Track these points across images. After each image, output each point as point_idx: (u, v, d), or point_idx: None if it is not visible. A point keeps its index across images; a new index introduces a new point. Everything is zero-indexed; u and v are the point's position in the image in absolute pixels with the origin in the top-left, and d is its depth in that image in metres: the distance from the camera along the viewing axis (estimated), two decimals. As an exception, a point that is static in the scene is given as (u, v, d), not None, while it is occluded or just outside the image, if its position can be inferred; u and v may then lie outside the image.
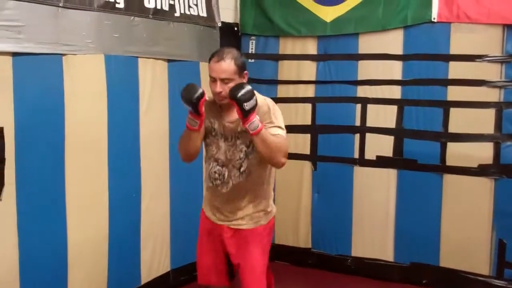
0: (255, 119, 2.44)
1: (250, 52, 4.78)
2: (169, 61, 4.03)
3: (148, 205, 3.91)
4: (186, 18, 4.09)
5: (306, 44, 4.65)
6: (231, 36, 4.69)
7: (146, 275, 3.96)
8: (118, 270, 3.68)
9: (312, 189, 4.73)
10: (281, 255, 4.69)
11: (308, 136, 4.69)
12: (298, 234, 4.81)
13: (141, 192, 3.86)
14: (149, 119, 3.87)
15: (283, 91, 4.74)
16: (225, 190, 2.70)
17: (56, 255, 3.27)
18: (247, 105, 2.40)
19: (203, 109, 2.53)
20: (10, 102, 2.96)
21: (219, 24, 4.46)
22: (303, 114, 4.69)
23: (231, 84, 2.52)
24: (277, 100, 4.53)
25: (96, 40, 3.40)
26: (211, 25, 4.37)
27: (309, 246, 4.78)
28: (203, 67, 4.24)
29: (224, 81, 2.54)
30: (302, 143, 4.70)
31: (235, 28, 4.78)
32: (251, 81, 4.58)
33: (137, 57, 3.74)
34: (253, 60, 4.75)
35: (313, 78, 4.65)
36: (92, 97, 3.43)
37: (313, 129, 4.67)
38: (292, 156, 2.65)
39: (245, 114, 2.42)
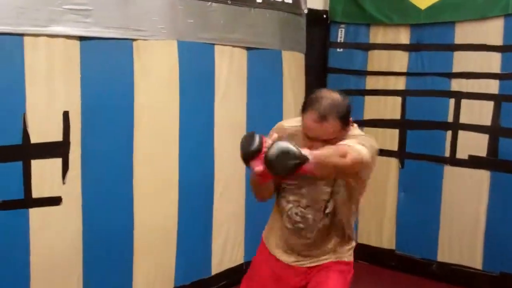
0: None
1: (338, 41, 4.59)
2: (248, 49, 3.94)
3: (221, 194, 3.87)
4: (268, 5, 3.99)
5: (398, 33, 4.38)
6: (318, 24, 4.53)
7: (217, 266, 3.92)
8: (187, 259, 3.66)
9: (398, 187, 4.47)
10: (362, 255, 4.43)
11: (396, 131, 4.43)
12: (382, 234, 4.57)
13: (214, 180, 3.83)
14: (225, 107, 3.82)
15: (372, 82, 4.51)
16: (310, 235, 2.33)
17: (122, 241, 3.30)
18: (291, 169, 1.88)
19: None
20: (77, 86, 3.01)
21: (306, 11, 4.30)
22: (392, 108, 4.43)
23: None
24: (366, 92, 4.33)
25: (168, 25, 3.39)
26: (296, 12, 4.24)
27: (393, 247, 4.53)
28: (286, 56, 4.14)
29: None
30: (390, 138, 4.44)
31: (324, 16, 4.60)
32: (339, 71, 4.44)
33: (213, 44, 3.69)
34: (341, 50, 4.56)
35: (404, 70, 4.37)
36: (163, 83, 3.43)
37: (402, 124, 4.39)
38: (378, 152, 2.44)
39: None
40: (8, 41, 2.74)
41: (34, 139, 2.84)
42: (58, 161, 2.96)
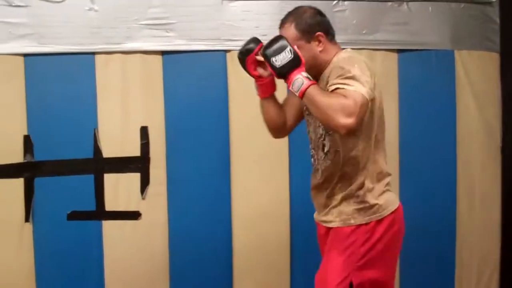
0: (297, 76, 1.87)
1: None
2: (399, 51, 3.22)
3: None
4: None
5: None
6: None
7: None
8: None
9: None
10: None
11: None
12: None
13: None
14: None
15: None
16: (318, 178, 2.14)
17: (217, 263, 3.11)
18: (277, 60, 1.89)
19: (260, 71, 2.08)
20: (159, 101, 2.97)
21: (495, -2, 3.28)
22: None
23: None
24: None
25: (274, 32, 2.96)
26: (481, 1, 3.25)
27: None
28: (463, 57, 3.29)
29: None
30: None
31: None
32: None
33: (342, 48, 3.11)
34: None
35: None
36: None
37: None
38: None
39: (279, 72, 1.90)
40: (79, 59, 2.85)
41: (107, 153, 2.92)
42: (136, 176, 2.97)
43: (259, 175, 3.06)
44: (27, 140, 2.85)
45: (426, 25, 3.21)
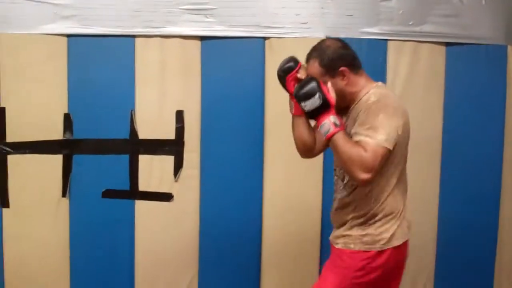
0: (325, 121, 1.93)
1: None
2: (448, 44, 3.08)
3: None
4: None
5: None
6: None
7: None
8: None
9: None
10: None
11: None
12: None
13: None
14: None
15: None
16: (335, 205, 2.20)
17: (248, 250, 3.11)
18: (307, 105, 1.95)
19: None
20: (197, 86, 2.99)
21: None
22: None
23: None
24: None
25: (314, 20, 2.96)
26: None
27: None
28: None
29: None
30: None
31: None
32: None
33: (386, 39, 3.03)
34: None
35: None
36: None
37: None
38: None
39: (310, 116, 2.00)
40: (120, 42, 2.90)
41: (142, 135, 2.97)
42: (170, 159, 3.01)
43: (292, 164, 2.99)
44: (67, 118, 2.94)
45: (478, 18, 3.06)
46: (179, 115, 2.98)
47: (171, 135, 3.00)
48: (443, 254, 3.18)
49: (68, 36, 2.90)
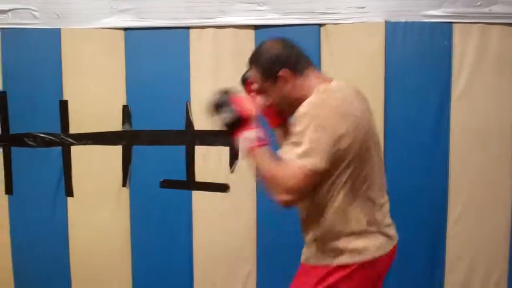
0: (245, 134, 1.76)
1: None
2: (521, 26, 2.86)
3: (458, 218, 3.00)
4: None
5: None
6: None
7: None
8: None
9: None
10: None
11: None
12: None
13: (448, 202, 3.01)
14: (468, 107, 2.92)
15: None
16: (299, 217, 1.97)
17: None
18: (222, 119, 1.80)
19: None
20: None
21: None
22: None
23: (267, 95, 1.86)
24: None
25: (372, 4, 2.82)
26: None
27: None
28: None
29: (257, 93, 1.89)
30: None
31: None
32: None
33: (451, 22, 2.84)
34: None
35: None
36: (363, 77, 2.82)
37: None
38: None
39: (229, 133, 1.82)
40: (175, 34, 2.92)
41: (198, 126, 2.98)
42: (226, 150, 3.01)
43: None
44: (125, 110, 3.00)
45: None
46: (229, 105, 2.96)
47: (225, 126, 2.98)
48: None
49: (125, 29, 2.95)
